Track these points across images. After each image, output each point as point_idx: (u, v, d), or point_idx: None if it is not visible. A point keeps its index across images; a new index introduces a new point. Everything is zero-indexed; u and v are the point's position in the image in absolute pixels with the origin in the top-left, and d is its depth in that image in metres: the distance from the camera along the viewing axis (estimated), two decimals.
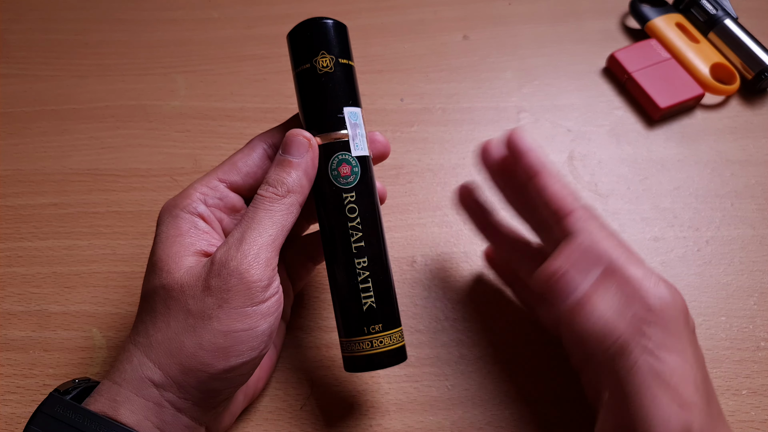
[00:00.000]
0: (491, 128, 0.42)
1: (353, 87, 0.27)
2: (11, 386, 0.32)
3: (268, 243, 0.24)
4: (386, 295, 0.26)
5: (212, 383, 0.24)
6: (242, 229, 0.24)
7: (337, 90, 0.26)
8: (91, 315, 0.34)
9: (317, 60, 0.26)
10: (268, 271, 0.24)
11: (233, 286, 0.23)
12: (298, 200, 0.25)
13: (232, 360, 0.23)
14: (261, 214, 0.24)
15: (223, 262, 0.23)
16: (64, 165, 0.40)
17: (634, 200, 0.39)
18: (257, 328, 0.24)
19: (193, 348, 0.23)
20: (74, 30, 0.48)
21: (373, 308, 0.26)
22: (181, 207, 0.26)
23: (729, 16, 0.44)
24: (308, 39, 0.26)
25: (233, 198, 0.27)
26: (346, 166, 0.26)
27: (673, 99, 0.41)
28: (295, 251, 0.32)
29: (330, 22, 0.26)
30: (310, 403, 0.31)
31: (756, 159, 0.40)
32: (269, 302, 0.24)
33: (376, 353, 0.26)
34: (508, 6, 0.49)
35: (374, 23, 0.48)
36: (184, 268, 0.24)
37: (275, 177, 0.25)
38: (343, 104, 0.26)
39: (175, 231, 0.25)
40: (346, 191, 0.26)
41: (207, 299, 0.23)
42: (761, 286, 0.35)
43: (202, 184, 0.27)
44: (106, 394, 0.23)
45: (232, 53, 0.46)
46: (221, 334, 0.23)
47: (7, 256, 0.36)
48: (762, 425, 0.30)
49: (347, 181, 0.26)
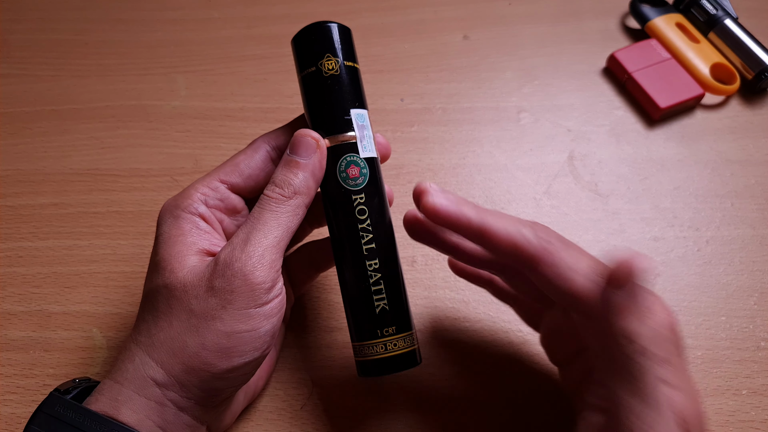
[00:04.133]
0: (491, 128, 0.42)
1: (359, 89, 0.27)
2: (11, 386, 0.32)
3: (273, 244, 0.24)
4: (399, 296, 0.26)
5: (215, 382, 0.24)
6: (247, 230, 0.24)
7: (343, 92, 0.26)
8: (92, 315, 0.34)
9: (323, 63, 0.26)
10: (272, 272, 0.24)
11: (237, 288, 0.23)
12: (305, 202, 0.25)
13: (235, 360, 0.23)
14: (267, 215, 0.24)
15: (228, 263, 0.23)
16: (64, 165, 0.40)
17: (634, 200, 0.39)
18: (260, 329, 0.24)
19: (195, 348, 0.23)
20: (74, 30, 0.48)
21: (386, 310, 0.26)
22: (182, 207, 0.26)
23: (729, 16, 0.44)
24: (313, 42, 0.26)
25: (234, 199, 0.27)
26: (354, 168, 0.26)
27: (673, 99, 0.41)
28: (297, 256, 0.32)
29: (334, 26, 0.26)
30: (310, 403, 0.31)
31: (756, 159, 0.40)
32: (272, 303, 0.24)
33: (390, 356, 0.26)
34: (508, 6, 0.49)
35: (374, 23, 0.48)
36: (188, 268, 0.24)
37: (282, 177, 0.25)
38: (350, 106, 0.26)
39: (176, 231, 0.25)
40: (356, 193, 0.26)
41: (210, 300, 0.23)
42: (761, 286, 0.35)
43: (203, 185, 0.26)
44: (107, 394, 0.23)
45: (232, 53, 0.46)
46: (224, 335, 0.23)
47: (7, 256, 0.36)
48: (762, 425, 0.30)
49: (356, 183, 0.26)
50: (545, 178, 0.40)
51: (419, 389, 0.31)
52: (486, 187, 0.39)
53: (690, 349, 0.33)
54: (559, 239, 0.24)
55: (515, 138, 0.42)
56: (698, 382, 0.32)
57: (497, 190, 0.39)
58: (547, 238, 0.24)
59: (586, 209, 0.38)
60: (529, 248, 0.23)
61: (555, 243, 0.24)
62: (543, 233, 0.24)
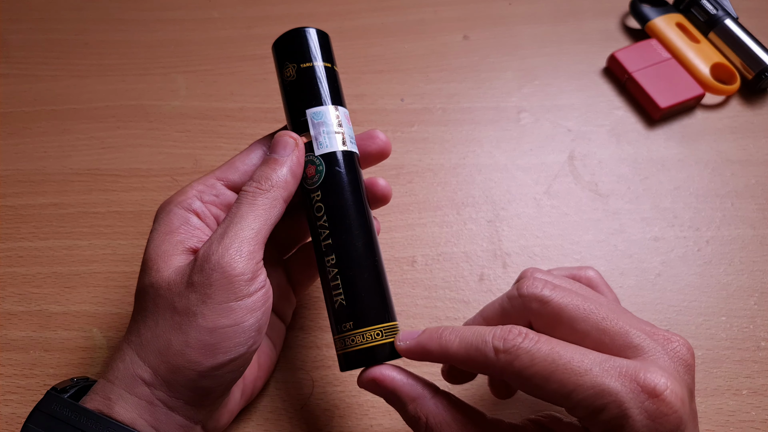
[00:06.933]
0: (491, 128, 0.42)
1: (316, 88, 0.27)
2: (11, 386, 0.32)
3: (251, 236, 0.24)
4: (357, 292, 0.26)
5: (201, 381, 0.24)
6: (225, 225, 0.24)
7: (299, 95, 0.27)
8: (92, 315, 0.34)
9: (285, 71, 0.28)
10: (252, 264, 0.24)
11: (216, 281, 0.23)
12: (282, 195, 0.25)
13: (220, 357, 0.23)
14: (244, 208, 0.25)
15: (206, 257, 0.23)
16: (64, 165, 0.40)
17: (634, 200, 0.39)
18: (244, 323, 0.23)
19: (179, 346, 0.23)
20: (74, 30, 0.48)
21: (342, 305, 0.26)
22: (176, 203, 0.26)
23: (729, 16, 0.44)
24: (279, 53, 0.28)
25: (230, 195, 0.27)
26: (311, 167, 0.27)
27: (673, 99, 0.41)
28: (297, 258, 0.32)
29: (294, 32, 0.28)
30: (310, 403, 0.31)
31: (756, 159, 0.40)
32: (255, 296, 0.24)
33: (348, 352, 0.26)
34: (508, 6, 0.49)
35: (374, 23, 0.48)
36: (173, 267, 0.24)
37: (260, 173, 0.26)
38: (306, 106, 0.27)
39: (166, 228, 0.25)
40: (313, 191, 0.26)
41: (191, 295, 0.23)
42: (761, 286, 0.35)
43: (200, 183, 0.27)
44: (101, 392, 0.23)
45: (232, 53, 0.46)
46: (207, 331, 0.23)
47: (7, 256, 0.36)
48: (762, 425, 0.30)
49: (312, 181, 0.26)
50: (545, 178, 0.40)
51: None
52: (486, 187, 0.39)
53: None
54: (531, 339, 0.22)
55: (515, 138, 0.42)
56: (698, 382, 0.32)
57: (497, 190, 0.39)
58: (513, 345, 0.22)
59: (587, 209, 0.38)
60: (492, 364, 0.22)
61: (523, 348, 0.22)
62: (513, 337, 0.22)
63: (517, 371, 0.22)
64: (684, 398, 0.21)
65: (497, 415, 0.31)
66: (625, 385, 0.20)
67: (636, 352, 0.22)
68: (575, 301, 0.23)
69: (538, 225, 0.38)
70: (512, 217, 0.38)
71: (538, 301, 0.24)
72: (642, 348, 0.22)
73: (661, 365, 0.22)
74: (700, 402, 0.31)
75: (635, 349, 0.22)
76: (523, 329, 0.22)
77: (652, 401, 0.20)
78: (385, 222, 0.37)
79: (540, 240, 0.37)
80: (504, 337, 0.22)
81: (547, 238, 0.37)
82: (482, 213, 0.38)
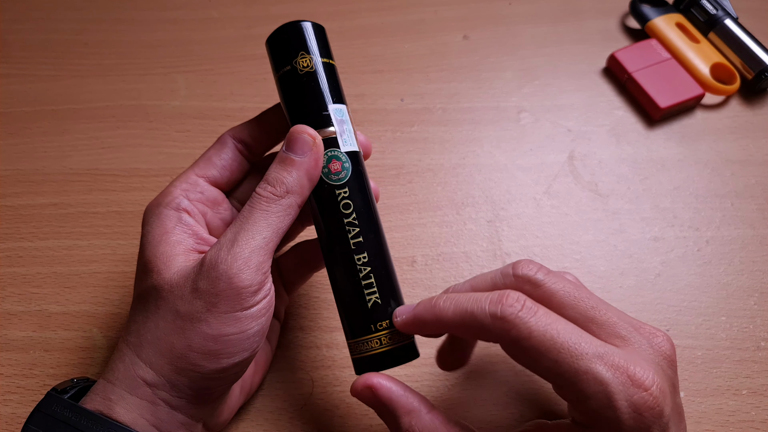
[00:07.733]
0: (491, 128, 0.42)
1: (336, 84, 0.27)
2: (11, 386, 0.32)
3: (261, 246, 0.23)
4: (390, 289, 0.26)
5: (205, 382, 0.24)
6: (235, 230, 0.24)
7: (319, 88, 0.26)
8: (92, 315, 0.34)
9: (297, 61, 0.26)
10: (259, 275, 0.23)
11: (222, 291, 0.23)
12: (297, 201, 0.25)
13: (224, 362, 0.23)
14: (257, 214, 0.24)
15: (213, 264, 0.23)
16: (64, 165, 0.40)
17: (634, 200, 0.39)
18: (249, 330, 0.23)
19: (182, 349, 0.23)
20: (74, 30, 0.48)
21: (378, 304, 0.25)
22: (165, 204, 0.26)
23: (729, 16, 0.44)
24: (286, 42, 0.26)
25: (213, 192, 0.27)
26: (336, 162, 0.26)
27: (673, 99, 0.41)
28: (289, 257, 0.32)
29: (308, 24, 0.27)
30: (310, 403, 0.31)
31: (756, 159, 0.40)
32: (260, 305, 0.24)
33: (386, 351, 0.25)
34: (508, 6, 0.49)
35: (374, 23, 0.48)
36: (174, 269, 0.24)
37: (275, 175, 0.24)
38: (328, 101, 0.26)
39: (160, 230, 0.25)
40: (339, 187, 0.26)
41: (195, 302, 0.23)
42: (761, 286, 0.35)
43: (181, 181, 0.27)
44: (101, 393, 0.23)
45: (232, 53, 0.46)
46: (211, 338, 0.23)
47: (7, 256, 0.36)
48: (762, 425, 0.30)
49: (339, 177, 0.26)
50: (545, 178, 0.40)
51: (419, 389, 0.31)
52: (486, 187, 0.39)
53: (690, 349, 0.33)
54: (529, 309, 0.22)
55: (515, 138, 0.42)
56: (698, 382, 0.32)
57: (497, 190, 0.39)
58: (511, 313, 0.22)
59: (587, 209, 0.38)
60: (488, 330, 0.22)
61: (521, 318, 0.21)
62: (511, 304, 0.22)
63: (514, 340, 0.22)
64: (667, 392, 0.21)
65: (495, 415, 0.31)
66: (617, 376, 0.21)
67: (622, 343, 0.23)
68: (566, 287, 0.24)
69: (538, 225, 0.38)
70: (512, 217, 0.38)
71: (531, 283, 0.24)
72: (628, 340, 0.23)
73: (647, 358, 0.22)
74: (700, 402, 0.31)
75: (621, 340, 0.23)
76: (521, 296, 0.22)
77: (639, 395, 0.21)
78: (386, 222, 0.37)
79: (540, 240, 0.37)
80: (501, 302, 0.22)
81: (547, 238, 0.37)
82: (482, 213, 0.38)
